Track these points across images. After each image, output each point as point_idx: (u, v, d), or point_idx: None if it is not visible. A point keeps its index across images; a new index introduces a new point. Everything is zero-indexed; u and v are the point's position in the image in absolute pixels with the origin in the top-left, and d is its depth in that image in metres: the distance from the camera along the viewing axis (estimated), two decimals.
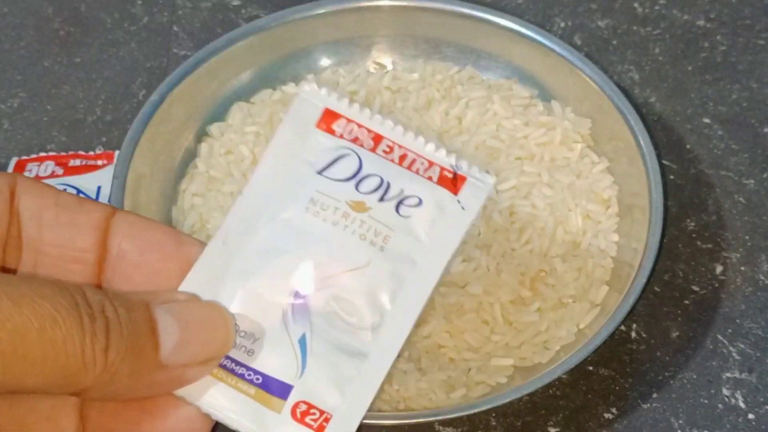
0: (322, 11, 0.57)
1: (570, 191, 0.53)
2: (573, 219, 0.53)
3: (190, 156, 0.56)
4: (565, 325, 0.50)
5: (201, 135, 0.56)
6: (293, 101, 0.34)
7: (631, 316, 0.54)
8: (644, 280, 0.49)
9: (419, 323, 0.48)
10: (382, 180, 0.33)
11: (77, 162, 0.58)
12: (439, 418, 0.48)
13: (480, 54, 0.58)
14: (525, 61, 0.57)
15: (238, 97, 0.57)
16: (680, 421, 0.51)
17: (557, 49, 0.56)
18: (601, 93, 0.54)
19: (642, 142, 0.52)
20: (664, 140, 0.60)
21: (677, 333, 0.54)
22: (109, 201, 0.52)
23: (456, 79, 0.57)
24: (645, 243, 0.50)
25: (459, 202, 0.33)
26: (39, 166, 0.58)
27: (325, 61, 0.59)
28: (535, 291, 0.51)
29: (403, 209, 0.33)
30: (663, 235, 0.51)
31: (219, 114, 0.57)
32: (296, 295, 0.33)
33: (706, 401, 0.52)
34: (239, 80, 0.57)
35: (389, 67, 0.59)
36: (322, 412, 0.32)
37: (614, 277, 0.51)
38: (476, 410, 0.47)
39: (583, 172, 0.55)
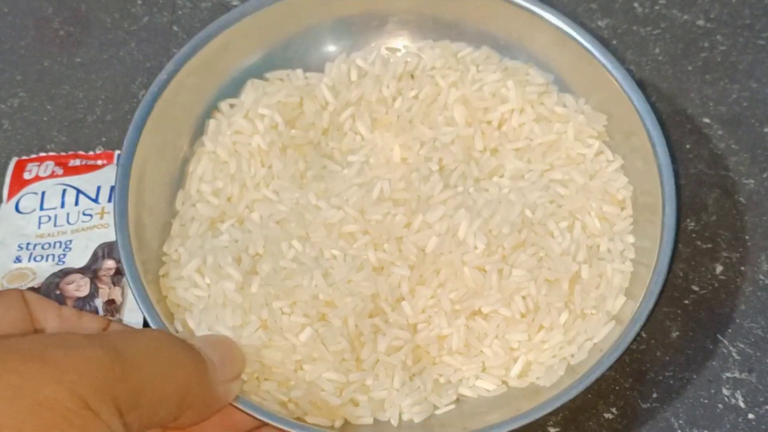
0: None
1: (584, 192, 0.53)
2: (590, 221, 0.52)
3: (200, 134, 0.55)
4: (579, 339, 0.50)
5: (210, 111, 0.55)
6: None
7: None
8: (654, 299, 0.48)
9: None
10: None
11: (77, 162, 0.58)
12: None
13: (498, 36, 0.57)
14: (543, 47, 0.56)
15: (249, 74, 0.56)
16: (680, 421, 0.51)
17: (577, 37, 0.54)
18: (620, 88, 0.53)
19: (657, 144, 0.51)
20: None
21: (677, 333, 0.54)
22: (115, 183, 0.51)
23: (470, 59, 0.56)
24: (657, 254, 0.49)
25: None
26: (39, 166, 0.58)
27: (338, 35, 0.57)
28: (568, 300, 0.50)
29: None
30: (676, 244, 0.50)
31: (229, 91, 0.56)
32: None
33: (706, 401, 0.52)
34: (250, 56, 0.56)
35: (402, 50, 0.57)
36: None
37: (631, 283, 0.51)
38: None
39: (597, 171, 0.54)
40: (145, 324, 0.52)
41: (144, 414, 0.37)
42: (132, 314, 0.53)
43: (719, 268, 0.56)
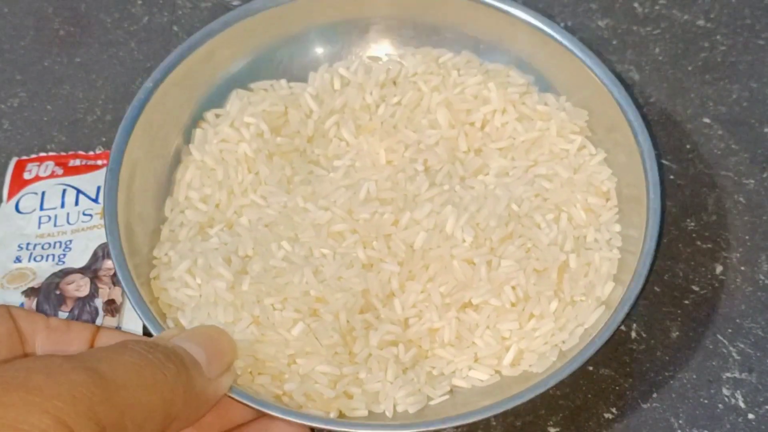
0: None
1: (569, 185, 0.54)
2: (576, 213, 0.53)
3: (186, 142, 0.55)
4: (569, 326, 0.50)
5: (196, 120, 0.56)
6: None
7: (631, 316, 0.54)
8: (642, 280, 0.49)
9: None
10: None
11: (77, 162, 0.58)
12: (431, 428, 0.47)
13: (479, 40, 0.58)
14: (524, 47, 0.57)
15: (234, 82, 0.57)
16: (680, 421, 0.51)
17: (557, 36, 0.55)
18: (600, 83, 0.54)
19: (639, 134, 0.52)
20: (664, 140, 0.60)
21: (677, 333, 0.54)
22: (101, 193, 0.51)
23: (451, 64, 0.57)
24: (643, 238, 0.50)
25: None
26: (39, 166, 0.58)
27: (321, 44, 0.58)
28: (558, 289, 0.51)
29: None
30: (662, 229, 0.50)
31: (215, 99, 0.56)
32: None
33: (706, 401, 0.52)
34: (235, 64, 0.57)
35: (384, 58, 0.58)
36: None
37: (619, 270, 0.51)
38: (478, 418, 0.46)
39: (581, 165, 0.55)
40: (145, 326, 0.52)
41: None
42: (132, 314, 0.53)
43: (719, 268, 0.56)
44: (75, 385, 0.36)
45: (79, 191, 0.57)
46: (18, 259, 0.55)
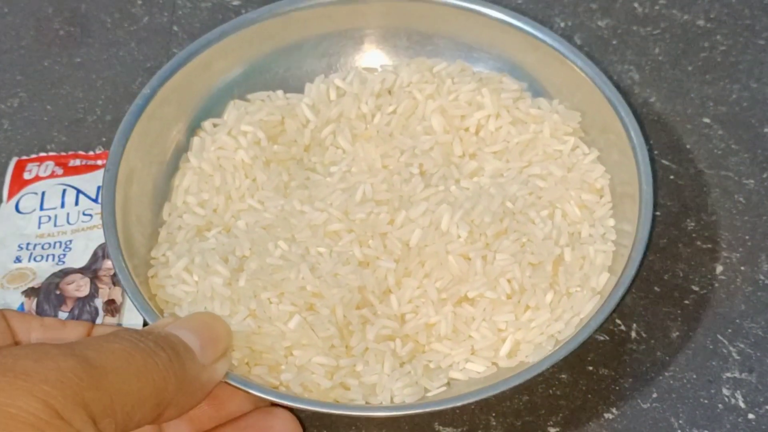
0: (314, 3, 0.58)
1: (563, 183, 0.54)
2: (571, 209, 0.53)
3: (183, 149, 0.56)
4: (565, 316, 0.50)
5: (193, 128, 0.56)
6: None
7: (631, 315, 0.54)
8: (636, 265, 0.49)
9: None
10: None
11: (77, 162, 0.58)
12: (428, 410, 0.48)
13: (472, 46, 0.59)
14: (516, 53, 0.58)
15: (231, 91, 0.57)
16: (680, 421, 0.51)
17: (548, 40, 0.56)
18: (592, 84, 0.55)
19: (631, 129, 0.53)
20: (664, 140, 0.60)
21: (677, 333, 0.54)
22: (100, 194, 0.52)
23: (445, 73, 0.58)
24: (636, 226, 0.50)
25: None
26: (39, 166, 0.58)
27: (316, 55, 0.59)
28: (553, 281, 0.51)
29: None
30: (654, 218, 0.50)
31: (211, 108, 0.57)
32: None
33: (706, 401, 0.52)
34: (231, 74, 0.58)
35: (379, 69, 0.59)
36: None
37: (614, 262, 0.52)
38: (462, 402, 0.47)
39: (575, 164, 0.55)
40: (145, 323, 0.52)
41: (119, 419, 0.37)
42: (132, 314, 0.53)
43: (719, 268, 0.56)
44: (63, 370, 0.36)
45: (79, 191, 0.57)
46: (18, 259, 0.55)
